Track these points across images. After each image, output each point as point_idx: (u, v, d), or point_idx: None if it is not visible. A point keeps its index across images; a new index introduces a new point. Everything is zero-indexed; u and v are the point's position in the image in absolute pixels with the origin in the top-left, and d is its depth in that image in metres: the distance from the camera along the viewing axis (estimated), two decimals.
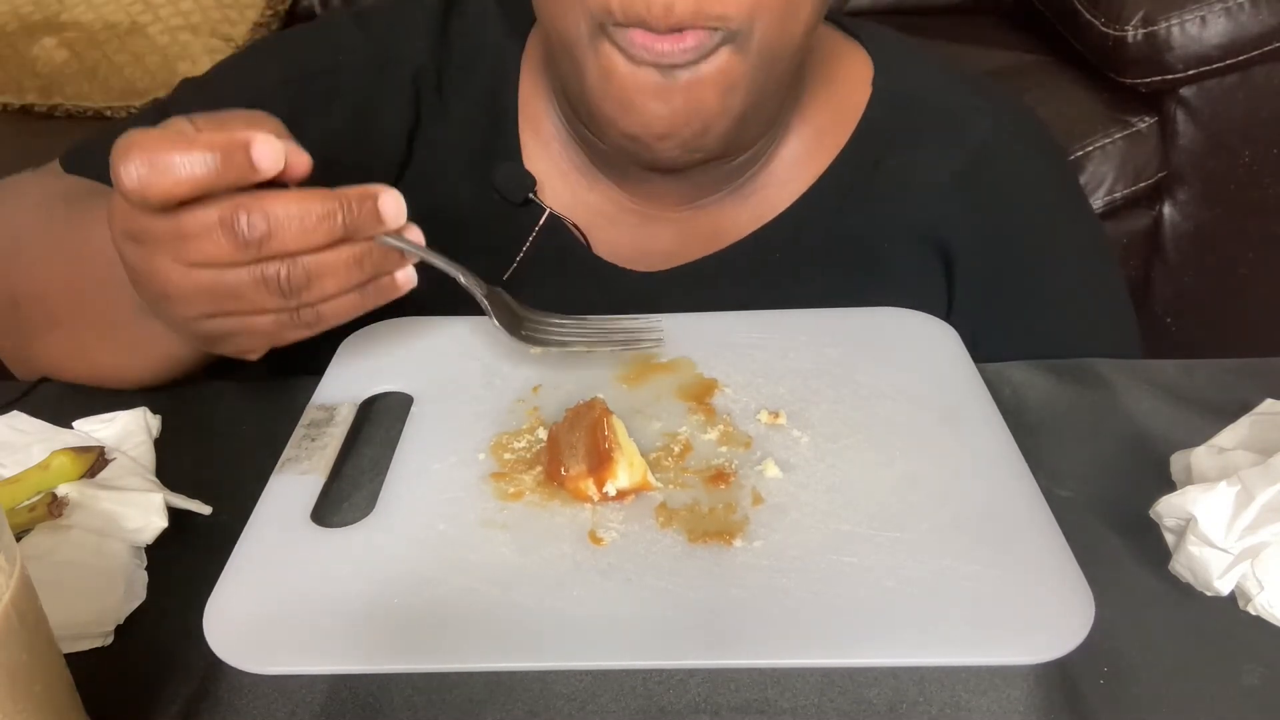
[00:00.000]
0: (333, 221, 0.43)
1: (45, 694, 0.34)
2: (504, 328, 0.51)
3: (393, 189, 0.45)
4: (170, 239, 0.43)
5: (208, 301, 0.44)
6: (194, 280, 0.43)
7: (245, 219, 0.42)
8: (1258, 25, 1.37)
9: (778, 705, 0.39)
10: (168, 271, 0.44)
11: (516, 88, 0.67)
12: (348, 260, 0.44)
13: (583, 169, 0.67)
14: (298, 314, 0.45)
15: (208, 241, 0.42)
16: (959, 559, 0.43)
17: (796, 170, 0.66)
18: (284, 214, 0.42)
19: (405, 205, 0.45)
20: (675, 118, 0.55)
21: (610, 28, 0.53)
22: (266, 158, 0.42)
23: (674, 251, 0.66)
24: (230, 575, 0.44)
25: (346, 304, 0.46)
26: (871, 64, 0.67)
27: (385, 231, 0.45)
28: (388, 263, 0.46)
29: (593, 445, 0.47)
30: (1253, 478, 0.43)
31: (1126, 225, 1.47)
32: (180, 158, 0.41)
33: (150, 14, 1.62)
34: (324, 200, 0.43)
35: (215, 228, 0.42)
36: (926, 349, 0.58)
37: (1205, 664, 0.41)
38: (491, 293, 0.52)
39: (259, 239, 0.42)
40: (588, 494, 0.46)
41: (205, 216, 0.42)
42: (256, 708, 0.40)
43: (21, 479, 0.48)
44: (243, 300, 0.44)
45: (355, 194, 0.44)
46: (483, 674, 0.40)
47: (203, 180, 0.41)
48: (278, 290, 0.43)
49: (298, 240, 0.42)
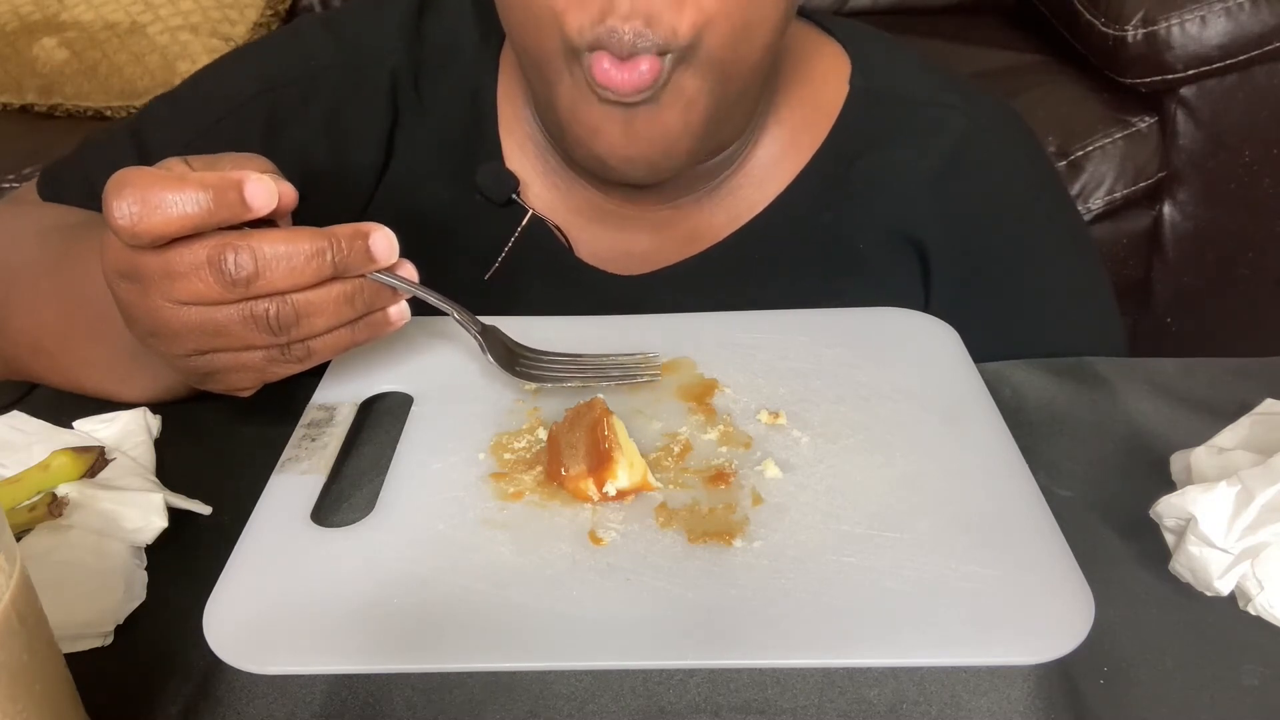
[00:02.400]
0: (321, 260, 0.43)
1: (45, 694, 0.34)
2: (498, 363, 0.52)
3: (384, 227, 0.45)
4: (160, 277, 0.43)
5: (197, 339, 0.44)
6: (183, 318, 0.44)
7: (233, 258, 0.42)
8: (1258, 25, 1.37)
9: (778, 705, 0.39)
10: (158, 309, 0.44)
11: (495, 88, 0.67)
12: (338, 298, 0.45)
13: (559, 170, 0.66)
14: (288, 350, 0.45)
15: (196, 280, 0.42)
16: (959, 559, 0.43)
17: (773, 170, 0.66)
18: (272, 253, 0.42)
19: (397, 243, 0.45)
20: (639, 143, 0.56)
21: (585, 53, 0.53)
22: (259, 196, 0.43)
23: (654, 253, 0.66)
24: (230, 575, 0.44)
25: (337, 340, 0.46)
26: (849, 62, 0.67)
27: (376, 269, 0.45)
28: (379, 299, 0.46)
29: (593, 445, 0.47)
30: (1253, 478, 0.43)
31: (1126, 225, 1.47)
32: (173, 196, 0.41)
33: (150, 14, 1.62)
34: (313, 239, 0.43)
35: (204, 266, 0.42)
36: (927, 349, 0.58)
37: (1205, 664, 0.41)
38: (486, 330, 0.52)
39: (246, 278, 0.42)
40: (588, 494, 0.46)
41: (194, 255, 0.42)
42: (256, 708, 0.40)
43: (21, 479, 0.48)
44: (231, 338, 0.44)
45: (346, 232, 0.44)
46: (482, 674, 0.40)
47: (194, 218, 0.41)
48: (266, 328, 0.44)
49: (286, 279, 0.43)
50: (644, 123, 0.55)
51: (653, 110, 0.55)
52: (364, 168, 0.66)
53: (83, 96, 1.61)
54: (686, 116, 0.55)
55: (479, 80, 0.67)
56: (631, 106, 0.54)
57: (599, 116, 0.55)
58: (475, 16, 0.67)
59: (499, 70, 0.67)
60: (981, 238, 0.66)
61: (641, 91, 0.53)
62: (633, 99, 0.53)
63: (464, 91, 0.67)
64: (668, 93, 0.54)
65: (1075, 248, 0.70)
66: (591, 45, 0.52)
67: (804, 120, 0.66)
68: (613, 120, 0.55)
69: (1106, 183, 1.41)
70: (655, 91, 0.53)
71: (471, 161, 0.66)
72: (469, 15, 0.68)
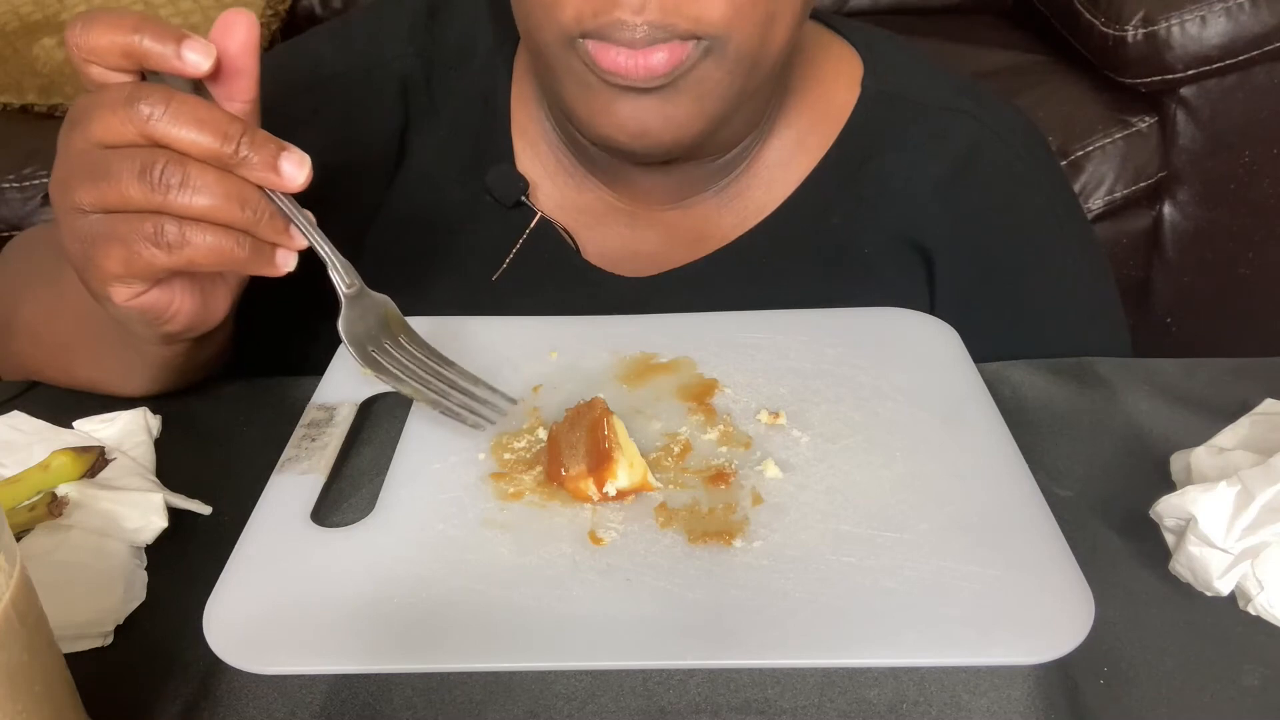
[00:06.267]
0: (228, 133, 0.43)
1: (45, 694, 0.34)
2: (347, 337, 0.48)
3: (305, 157, 0.44)
4: (87, 108, 0.44)
5: (87, 179, 0.44)
6: (86, 155, 0.44)
7: (145, 94, 0.42)
8: (1258, 25, 1.37)
9: (778, 705, 0.39)
10: (70, 146, 0.44)
11: (509, 90, 0.67)
12: (229, 188, 0.43)
13: (570, 170, 0.67)
14: (161, 228, 0.43)
15: (110, 113, 0.43)
16: (959, 559, 0.43)
17: (781, 171, 0.66)
18: (185, 104, 0.42)
19: (306, 171, 0.44)
20: (651, 123, 0.55)
21: (581, 41, 0.53)
22: (193, 50, 0.43)
23: (661, 254, 0.66)
24: (230, 575, 0.44)
25: (215, 240, 0.44)
26: (861, 63, 0.67)
27: (276, 187, 0.44)
28: (271, 228, 0.45)
29: (593, 445, 0.47)
30: (1253, 478, 0.43)
31: (1126, 225, 1.47)
32: (117, 16, 0.43)
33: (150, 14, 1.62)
34: (230, 118, 0.43)
35: (121, 102, 0.42)
36: (927, 349, 0.58)
37: (1205, 664, 0.41)
38: (360, 293, 0.49)
39: (148, 115, 0.42)
40: (587, 494, 0.46)
41: (119, 90, 0.43)
42: (256, 708, 0.40)
43: (22, 479, 0.48)
44: (118, 186, 0.43)
45: (263, 135, 0.44)
46: (482, 674, 0.40)
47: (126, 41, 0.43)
48: (149, 179, 0.42)
49: (185, 131, 0.42)
50: (655, 106, 0.54)
51: (666, 96, 0.54)
52: (376, 172, 0.67)
53: None
54: (702, 102, 0.55)
55: (492, 82, 0.67)
56: (643, 92, 0.53)
57: (606, 98, 0.54)
58: (490, 19, 0.68)
59: (513, 72, 0.67)
60: (989, 245, 0.65)
61: (654, 78, 0.52)
62: (643, 84, 0.53)
63: (476, 93, 0.67)
64: (688, 81, 0.53)
65: (1084, 256, 0.69)
66: (589, 35, 0.52)
67: (814, 120, 0.66)
68: (621, 101, 0.54)
69: (1106, 183, 1.41)
70: (673, 78, 0.53)
71: (483, 163, 0.66)
72: (483, 18, 0.68)
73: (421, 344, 0.51)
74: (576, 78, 0.55)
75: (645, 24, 0.51)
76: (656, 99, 0.54)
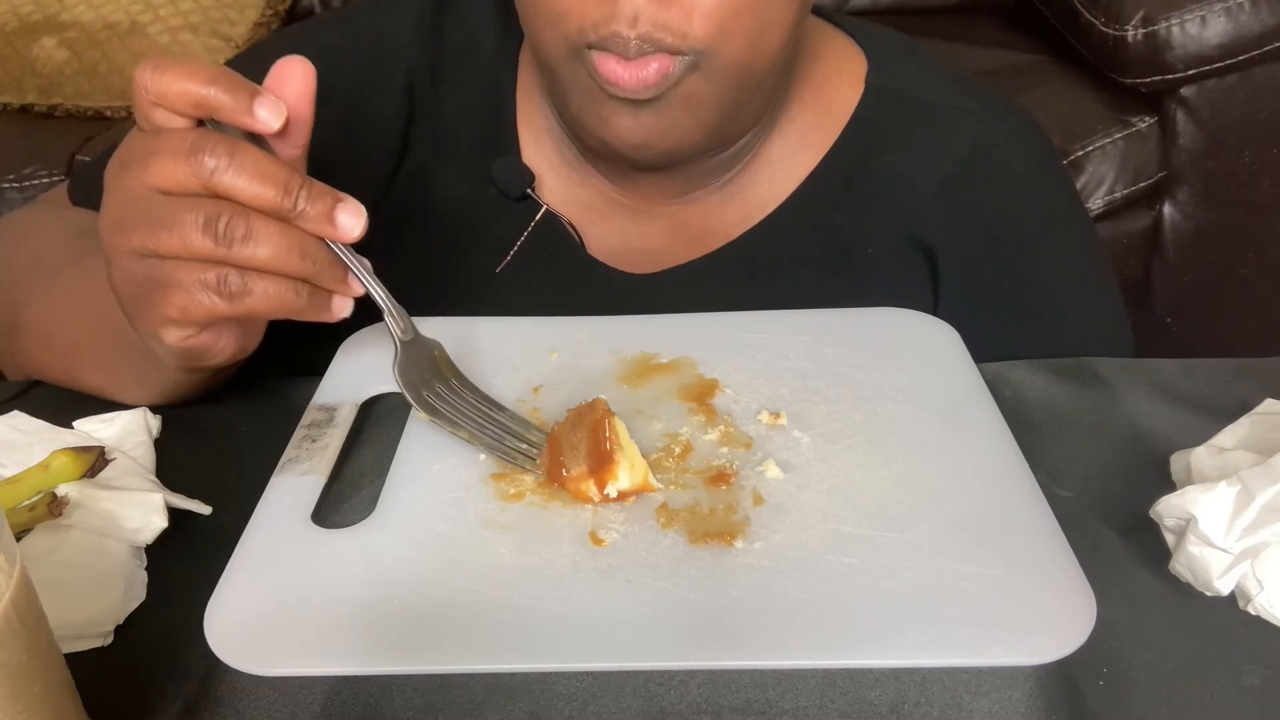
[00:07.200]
0: (289, 188, 0.43)
1: (45, 694, 0.34)
2: (403, 382, 0.49)
3: (360, 207, 0.45)
4: (145, 153, 0.44)
5: (146, 231, 0.44)
6: (144, 202, 0.44)
7: (210, 146, 0.43)
8: (1258, 25, 1.37)
9: (779, 706, 0.39)
10: (128, 189, 0.44)
11: (514, 83, 0.67)
12: (290, 241, 0.44)
13: (574, 164, 0.67)
14: (225, 279, 0.44)
15: (171, 161, 0.43)
16: (960, 560, 0.43)
17: (784, 168, 0.66)
18: (248, 157, 0.43)
19: (363, 222, 0.45)
20: (650, 134, 0.57)
21: (585, 51, 0.54)
22: (266, 109, 0.43)
23: (664, 251, 0.66)
24: (231, 576, 0.43)
25: (276, 290, 0.45)
26: (865, 61, 0.67)
27: (333, 238, 0.45)
28: (329, 275, 0.46)
29: (594, 446, 0.47)
30: (1253, 478, 0.43)
31: (1126, 225, 1.47)
32: (191, 66, 0.43)
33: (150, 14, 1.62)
34: (291, 171, 0.44)
35: (183, 150, 0.43)
36: (927, 349, 0.58)
37: (1205, 664, 0.41)
38: (415, 343, 0.50)
39: (212, 169, 0.42)
40: (589, 495, 0.46)
41: (180, 138, 0.43)
42: (257, 708, 0.40)
43: (22, 479, 0.48)
44: (176, 233, 0.43)
45: (321, 187, 0.44)
46: (483, 675, 0.40)
47: (199, 94, 0.43)
48: (213, 232, 0.43)
49: (248, 188, 0.43)
50: (652, 119, 0.56)
51: (661, 108, 0.55)
52: (379, 161, 0.67)
53: (83, 96, 1.61)
54: (696, 114, 0.56)
55: (498, 75, 0.67)
56: (639, 103, 0.55)
57: (608, 110, 0.56)
58: (496, 14, 0.68)
59: (519, 64, 0.68)
60: (992, 245, 0.65)
61: (648, 89, 0.54)
62: (639, 95, 0.54)
63: (482, 86, 0.67)
64: (677, 94, 0.55)
65: (1087, 256, 0.69)
66: (594, 45, 0.53)
67: (817, 117, 0.66)
68: (621, 114, 0.56)
69: (1106, 183, 1.41)
70: (663, 90, 0.54)
71: (488, 155, 0.66)
72: (489, 13, 0.68)
73: (471, 387, 0.52)
74: (581, 87, 0.56)
75: (637, 37, 0.52)
76: (651, 112, 0.55)
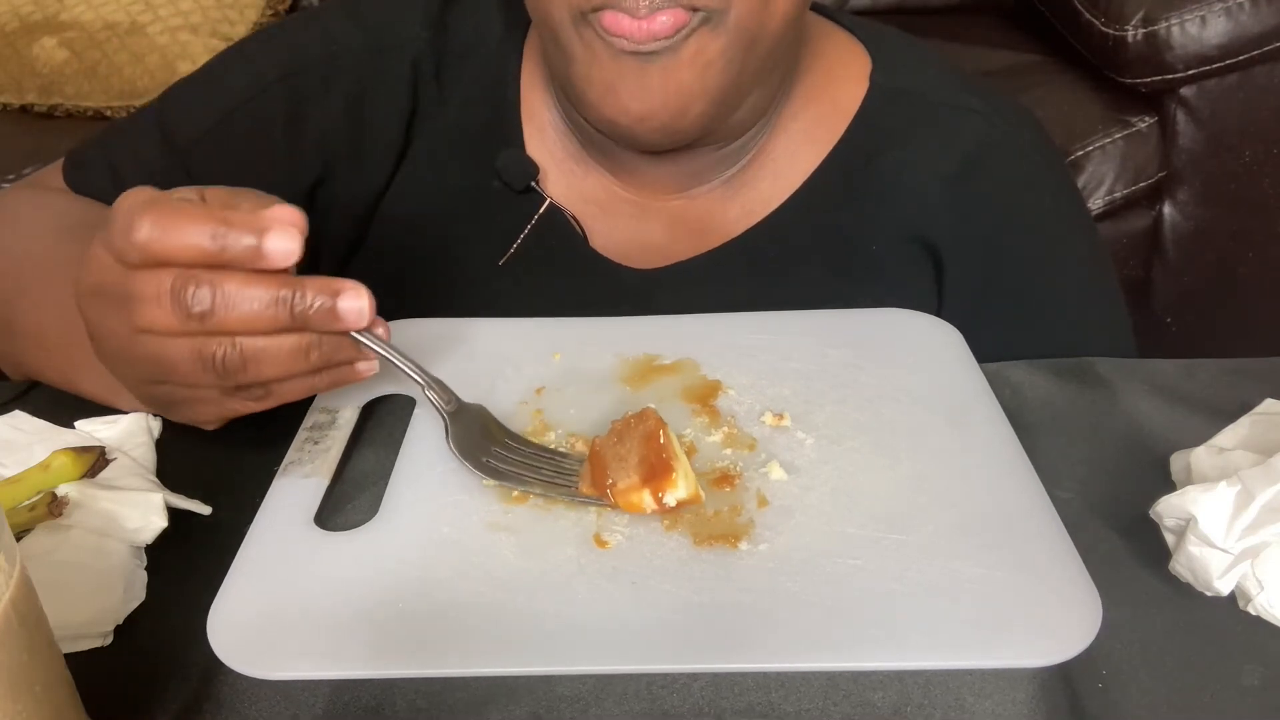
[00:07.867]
0: (281, 308, 0.41)
1: (45, 694, 0.34)
2: (460, 453, 0.48)
3: (358, 286, 0.43)
4: (125, 298, 0.42)
5: (151, 369, 0.44)
6: (138, 346, 0.43)
7: (192, 291, 0.41)
8: (1258, 25, 1.37)
9: (782, 709, 0.39)
10: (115, 332, 0.44)
11: (519, 76, 0.67)
12: (291, 349, 0.43)
13: (577, 157, 0.67)
14: (248, 390, 0.45)
15: (156, 307, 0.41)
16: (965, 561, 0.43)
17: (788, 165, 0.66)
18: (233, 292, 0.41)
19: (369, 303, 0.43)
20: (653, 100, 0.56)
21: (590, 14, 0.54)
22: (278, 249, 0.41)
23: (667, 247, 0.66)
24: (233, 579, 0.43)
25: (297, 386, 0.45)
26: (870, 59, 0.67)
27: (342, 330, 0.43)
28: (341, 351, 0.45)
29: (649, 456, 0.46)
30: (1253, 478, 0.43)
31: (1126, 225, 1.47)
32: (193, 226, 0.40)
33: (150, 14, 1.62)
34: (279, 286, 0.41)
35: (165, 294, 0.41)
36: (931, 350, 0.58)
37: (1205, 664, 0.41)
38: (460, 408, 0.50)
39: (200, 314, 0.41)
40: (642, 506, 0.45)
41: (159, 281, 0.41)
42: (258, 709, 0.40)
43: (22, 479, 0.48)
44: (180, 374, 0.43)
45: (315, 286, 0.42)
46: (486, 677, 0.40)
47: (207, 252, 0.41)
48: (213, 369, 0.43)
49: (241, 322, 0.41)
50: (659, 77, 0.55)
51: (670, 63, 0.55)
52: (383, 152, 0.67)
53: (83, 96, 1.61)
54: (704, 77, 0.56)
55: (503, 68, 0.67)
56: (647, 58, 0.54)
57: (613, 73, 0.55)
58: (500, 8, 0.68)
59: (523, 57, 0.68)
60: (996, 243, 0.65)
61: (657, 40, 0.53)
62: (648, 47, 0.54)
63: (486, 80, 0.67)
64: (688, 48, 0.55)
65: (1089, 255, 0.70)
66: (599, 8, 0.53)
67: (821, 114, 0.66)
68: (627, 75, 0.55)
69: (1106, 183, 1.41)
70: (675, 42, 0.54)
71: (492, 148, 0.66)
72: (494, 10, 0.68)
73: (522, 440, 0.50)
74: (585, 52, 0.56)
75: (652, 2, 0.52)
76: (659, 69, 0.55)
